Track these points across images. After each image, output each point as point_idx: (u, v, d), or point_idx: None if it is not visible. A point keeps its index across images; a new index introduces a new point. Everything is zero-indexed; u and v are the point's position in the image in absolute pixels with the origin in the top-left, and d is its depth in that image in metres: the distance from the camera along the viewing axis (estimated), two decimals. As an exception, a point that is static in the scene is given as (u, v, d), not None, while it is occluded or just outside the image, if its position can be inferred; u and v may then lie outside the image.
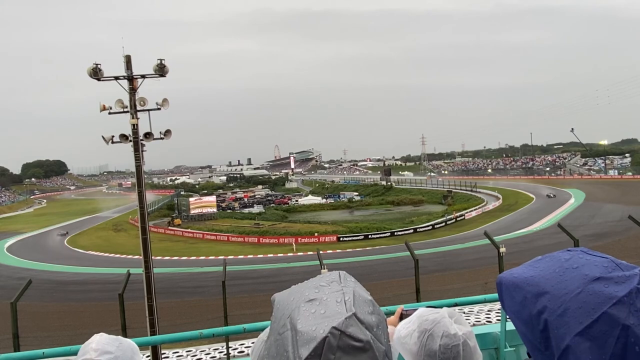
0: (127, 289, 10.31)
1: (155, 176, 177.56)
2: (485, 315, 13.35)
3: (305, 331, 0.73)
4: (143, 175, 12.43)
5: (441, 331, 1.23)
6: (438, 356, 1.21)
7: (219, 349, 13.04)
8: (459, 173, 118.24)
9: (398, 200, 75.30)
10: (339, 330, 0.72)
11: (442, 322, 1.25)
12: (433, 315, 1.28)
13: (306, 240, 44.59)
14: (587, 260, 0.84)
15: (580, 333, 0.76)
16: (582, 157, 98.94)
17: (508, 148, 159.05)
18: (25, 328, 10.01)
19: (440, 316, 1.27)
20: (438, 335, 1.23)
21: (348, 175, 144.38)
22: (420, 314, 1.31)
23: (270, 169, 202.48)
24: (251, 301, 16.99)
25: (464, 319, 1.30)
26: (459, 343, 1.22)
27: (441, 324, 1.25)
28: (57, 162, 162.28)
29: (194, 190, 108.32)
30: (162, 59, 12.18)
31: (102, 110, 11.96)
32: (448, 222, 49.63)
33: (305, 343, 0.71)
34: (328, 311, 0.75)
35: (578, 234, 12.69)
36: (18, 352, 6.13)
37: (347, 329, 0.72)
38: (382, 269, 26.21)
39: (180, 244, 46.61)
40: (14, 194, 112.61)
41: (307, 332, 0.72)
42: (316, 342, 0.71)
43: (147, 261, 12.03)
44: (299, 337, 0.73)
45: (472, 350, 1.24)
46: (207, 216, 64.42)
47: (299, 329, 0.73)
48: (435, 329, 1.24)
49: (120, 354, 1.46)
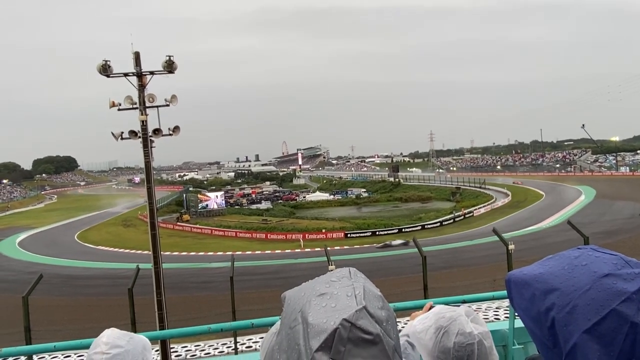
0: (137, 284, 10.41)
1: (163, 172, 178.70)
2: (493, 313, 13.31)
3: (316, 323, 0.73)
4: (152, 171, 12.51)
5: (456, 329, 1.24)
6: (452, 353, 1.22)
7: (227, 343, 13.15)
8: (468, 170, 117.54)
9: (406, 197, 74.99)
10: (349, 322, 0.72)
11: (458, 320, 1.26)
12: (450, 313, 1.29)
13: (314, 236, 44.63)
14: (596, 257, 0.84)
15: (589, 330, 0.75)
16: (593, 154, 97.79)
17: (517, 144, 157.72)
18: (36, 322, 10.15)
19: (457, 314, 1.28)
20: (453, 332, 1.24)
21: (356, 172, 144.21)
22: (437, 311, 1.32)
23: (278, 165, 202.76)
24: (259, 297, 17.08)
25: (481, 318, 1.30)
26: (474, 342, 1.23)
27: (457, 322, 1.26)
28: (67, 158, 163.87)
29: (202, 186, 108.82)
30: (170, 56, 12.22)
31: (112, 106, 12.04)
32: (456, 219, 49.38)
33: (316, 335, 0.72)
34: (339, 305, 0.75)
35: (588, 232, 12.56)
36: (30, 345, 6.22)
37: (357, 321, 0.73)
38: (390, 266, 26.19)
39: (188, 240, 46.94)
40: (25, 189, 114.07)
41: (318, 325, 0.73)
42: (327, 334, 0.71)
43: (156, 256, 12.13)
44: (310, 330, 0.73)
45: (487, 350, 1.25)
46: (215, 212, 64.78)
47: (310, 321, 0.74)
48: (450, 327, 1.25)
49: (130, 348, 1.48)
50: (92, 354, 1.45)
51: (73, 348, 2.69)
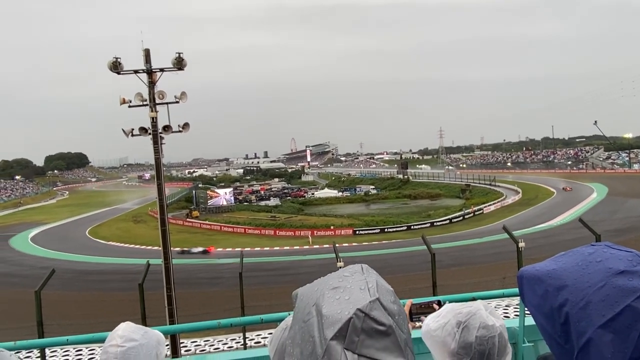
0: (147, 279, 10.52)
1: (173, 169, 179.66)
2: (503, 311, 13.23)
3: (331, 314, 0.75)
4: (162, 168, 12.61)
5: (478, 322, 1.24)
6: (474, 347, 1.22)
7: (235, 339, 13.23)
8: (478, 167, 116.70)
9: (415, 194, 74.76)
10: (363, 313, 0.73)
11: (478, 313, 1.27)
12: (467, 308, 1.29)
13: (322, 233, 44.72)
14: (611, 254, 0.83)
15: (603, 326, 0.74)
16: (605, 151, 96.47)
17: (528, 141, 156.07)
18: (48, 316, 10.29)
19: (476, 308, 1.28)
20: (474, 326, 1.24)
21: (364, 169, 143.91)
22: (451, 308, 1.32)
23: (287, 162, 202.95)
24: (267, 293, 17.15)
25: (496, 312, 1.30)
26: (496, 334, 1.23)
27: (477, 315, 1.26)
28: (78, 155, 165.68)
29: (212, 182, 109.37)
30: (180, 53, 12.29)
31: (122, 103, 12.13)
32: (466, 217, 49.14)
33: (330, 325, 0.73)
34: (352, 297, 0.77)
35: (600, 229, 12.42)
36: (43, 339, 6.32)
37: (371, 312, 0.74)
38: (398, 263, 26.15)
39: (198, 236, 47.28)
40: (37, 185, 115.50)
41: (332, 316, 0.74)
42: (341, 324, 0.73)
43: (166, 252, 12.24)
44: (324, 321, 0.74)
45: (505, 342, 1.26)
46: (224, 208, 65.13)
47: (324, 313, 0.75)
48: (470, 321, 1.25)
49: (145, 342, 1.51)
50: (108, 347, 1.48)
51: (86, 342, 2.74)
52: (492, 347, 1.21)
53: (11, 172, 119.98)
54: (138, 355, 1.46)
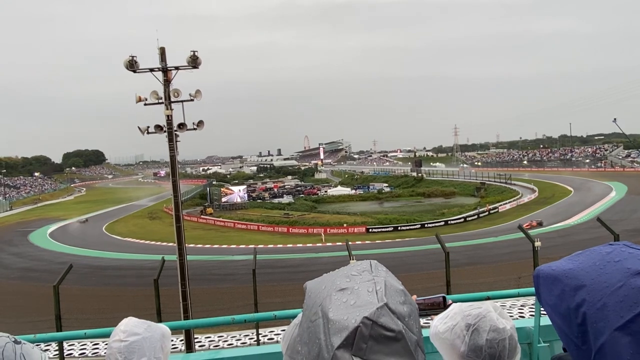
0: (162, 275, 10.65)
1: (188, 166, 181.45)
2: (518, 310, 13.08)
3: (337, 320, 0.73)
4: (177, 165, 12.74)
5: (488, 325, 1.21)
6: (485, 350, 1.19)
7: (249, 335, 13.34)
8: (493, 165, 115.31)
9: (429, 192, 74.18)
10: (370, 320, 0.72)
11: (487, 316, 1.23)
12: (476, 310, 1.25)
13: (335, 231, 44.70)
14: (629, 254, 0.81)
15: (621, 327, 0.72)
16: (624, 149, 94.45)
17: (545, 139, 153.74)
18: (66, 310, 10.50)
19: (486, 310, 1.25)
20: (484, 329, 1.21)
21: (378, 166, 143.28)
22: (460, 310, 1.28)
23: (300, 159, 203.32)
24: (280, 289, 17.21)
25: (506, 313, 1.28)
26: (506, 337, 1.21)
27: (487, 318, 1.23)
28: (95, 152, 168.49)
29: (226, 180, 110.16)
30: (195, 51, 12.38)
31: (138, 101, 12.28)
32: (480, 215, 48.58)
33: (337, 332, 0.72)
34: (359, 301, 0.75)
35: (618, 229, 12.19)
36: (62, 332, 6.45)
37: (379, 319, 0.73)
38: (412, 261, 26.00)
39: (212, 233, 47.68)
40: (55, 182, 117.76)
41: (338, 321, 0.73)
42: (348, 332, 0.71)
43: (180, 248, 12.37)
44: (330, 326, 0.73)
45: (515, 343, 1.23)
46: (237, 206, 65.57)
47: (330, 317, 0.74)
48: (480, 324, 1.22)
49: (148, 335, 1.53)
50: (112, 342, 1.50)
51: (103, 336, 2.78)
52: (503, 350, 1.19)
53: (30, 168, 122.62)
54: (142, 348, 1.47)
